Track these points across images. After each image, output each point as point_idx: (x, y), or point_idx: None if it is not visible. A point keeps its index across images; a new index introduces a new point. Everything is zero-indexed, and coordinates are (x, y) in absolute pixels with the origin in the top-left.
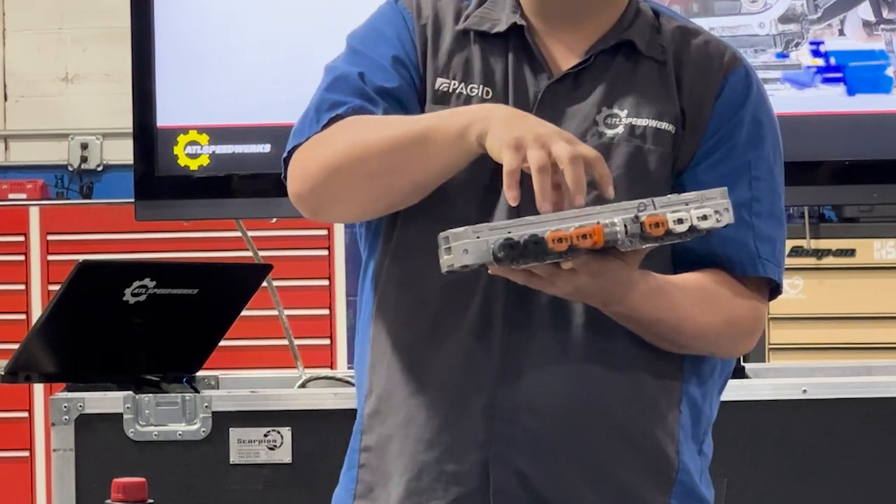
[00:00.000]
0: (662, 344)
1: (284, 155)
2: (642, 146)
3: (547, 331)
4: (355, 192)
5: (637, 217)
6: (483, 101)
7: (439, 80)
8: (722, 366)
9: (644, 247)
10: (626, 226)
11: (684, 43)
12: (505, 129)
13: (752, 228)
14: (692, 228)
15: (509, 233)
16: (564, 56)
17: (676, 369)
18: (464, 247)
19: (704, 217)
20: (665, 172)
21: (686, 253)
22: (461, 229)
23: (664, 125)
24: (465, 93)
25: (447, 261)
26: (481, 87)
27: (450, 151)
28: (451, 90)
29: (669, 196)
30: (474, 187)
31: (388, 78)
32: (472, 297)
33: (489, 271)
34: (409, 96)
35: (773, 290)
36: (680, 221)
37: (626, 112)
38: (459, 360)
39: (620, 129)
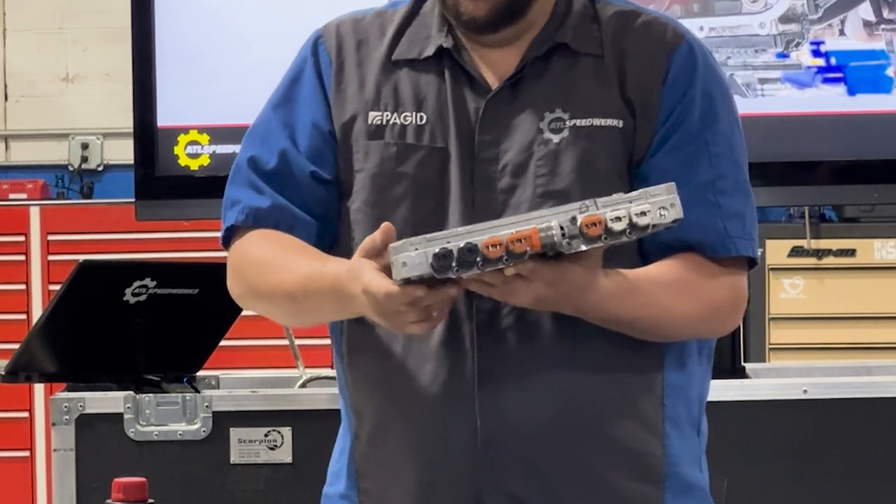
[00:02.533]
0: (647, 338)
1: (221, 240)
2: (589, 146)
3: (518, 348)
4: (278, 318)
5: (574, 218)
6: (417, 126)
7: (371, 115)
8: (699, 343)
9: (589, 248)
10: (562, 227)
11: (624, 29)
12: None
13: (718, 208)
14: (633, 225)
15: (448, 243)
16: (501, 67)
17: (655, 362)
18: (402, 260)
19: (643, 213)
20: (617, 169)
21: (656, 243)
22: (400, 242)
23: (609, 121)
24: (398, 122)
25: (393, 274)
26: (414, 113)
27: (344, 313)
28: (384, 122)
29: (613, 196)
30: (424, 208)
31: (280, 156)
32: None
33: (453, 285)
34: (301, 168)
35: (751, 261)
36: (618, 219)
37: (568, 114)
38: (437, 392)
39: (566, 133)
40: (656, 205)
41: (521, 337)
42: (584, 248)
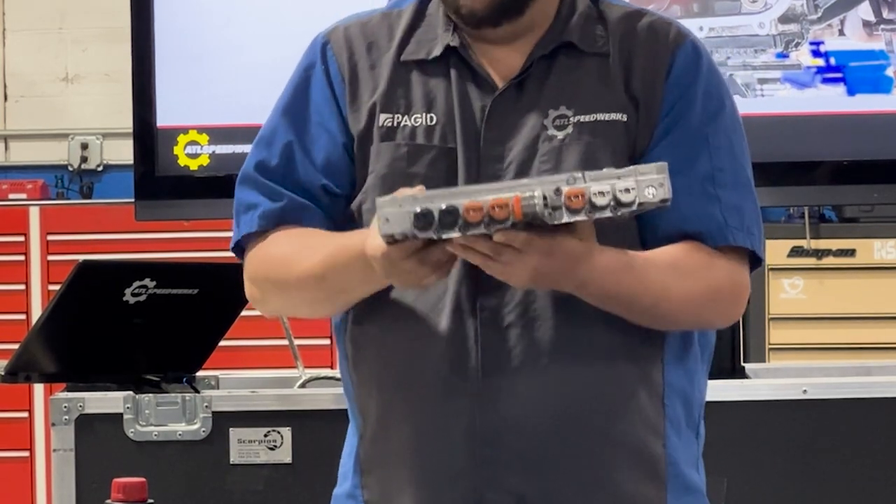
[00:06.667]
0: (646, 322)
1: (232, 245)
2: (593, 140)
3: (520, 345)
4: (306, 310)
5: (559, 189)
6: (428, 128)
7: (383, 117)
8: (701, 345)
9: (573, 220)
10: (545, 197)
11: (629, 27)
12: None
13: (717, 200)
14: (618, 201)
15: (431, 203)
16: (506, 66)
17: (656, 354)
18: (386, 216)
19: (627, 190)
20: (620, 163)
21: (655, 234)
22: (388, 197)
23: (613, 116)
24: (409, 124)
25: (378, 229)
26: (424, 114)
27: (371, 281)
28: (395, 124)
29: (604, 170)
30: None
31: (290, 162)
32: (441, 321)
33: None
34: (312, 175)
35: (755, 262)
36: (601, 194)
37: (573, 111)
38: (439, 389)
39: (570, 129)
40: (644, 183)
41: (523, 333)
42: (566, 219)
